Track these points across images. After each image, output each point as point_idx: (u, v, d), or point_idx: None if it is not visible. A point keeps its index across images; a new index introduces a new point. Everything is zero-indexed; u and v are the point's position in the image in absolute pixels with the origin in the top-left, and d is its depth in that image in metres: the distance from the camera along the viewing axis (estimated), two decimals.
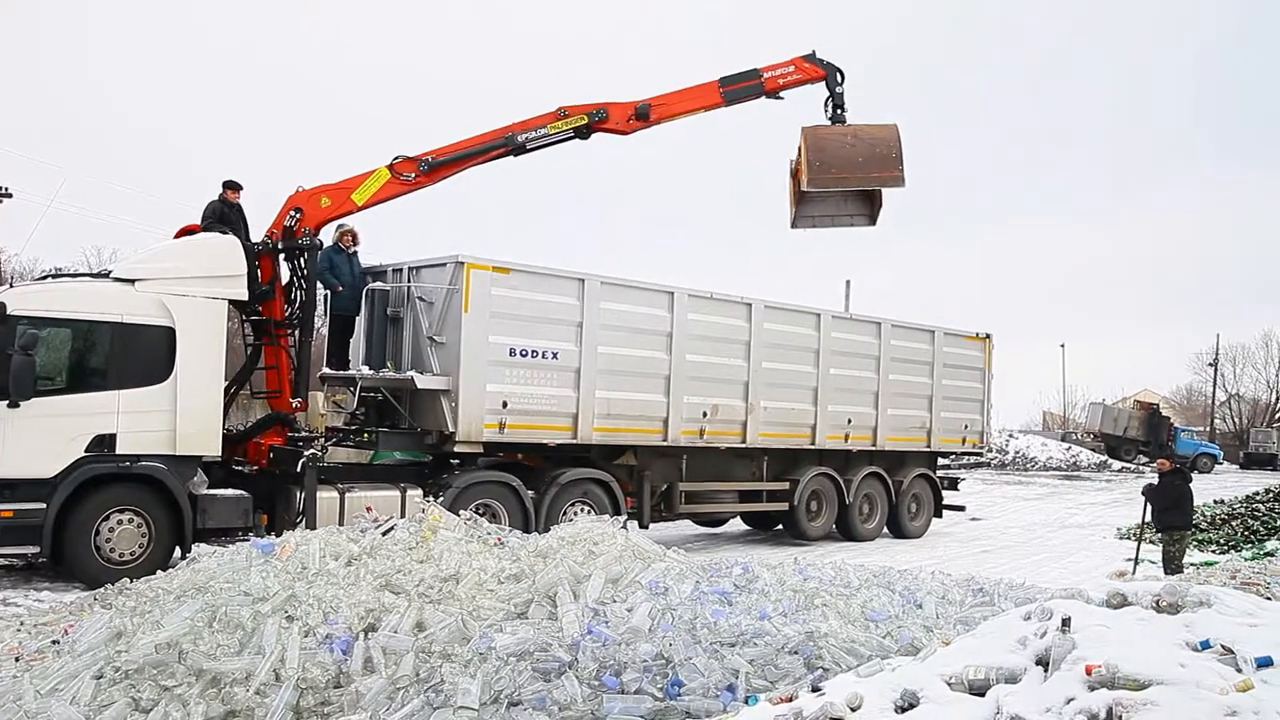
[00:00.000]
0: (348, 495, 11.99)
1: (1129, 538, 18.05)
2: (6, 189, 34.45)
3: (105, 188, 68.78)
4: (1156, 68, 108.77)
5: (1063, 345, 63.78)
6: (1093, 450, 47.78)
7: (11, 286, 11.87)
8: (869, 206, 14.18)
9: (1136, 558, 14.00)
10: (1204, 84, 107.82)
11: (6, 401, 10.29)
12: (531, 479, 13.40)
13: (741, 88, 13.90)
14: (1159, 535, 13.15)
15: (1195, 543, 16.59)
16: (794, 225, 14.25)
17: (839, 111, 13.88)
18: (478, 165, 13.43)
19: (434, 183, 13.27)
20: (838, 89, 13.91)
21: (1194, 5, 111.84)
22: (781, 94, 14.12)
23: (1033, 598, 7.26)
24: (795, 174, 13.93)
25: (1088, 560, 15.95)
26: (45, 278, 12.59)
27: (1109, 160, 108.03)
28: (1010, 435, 48.41)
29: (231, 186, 12.54)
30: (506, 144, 13.27)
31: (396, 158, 13.03)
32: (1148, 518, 13.31)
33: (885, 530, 17.99)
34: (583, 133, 13.55)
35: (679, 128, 14.21)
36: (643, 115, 13.59)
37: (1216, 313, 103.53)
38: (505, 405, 12.71)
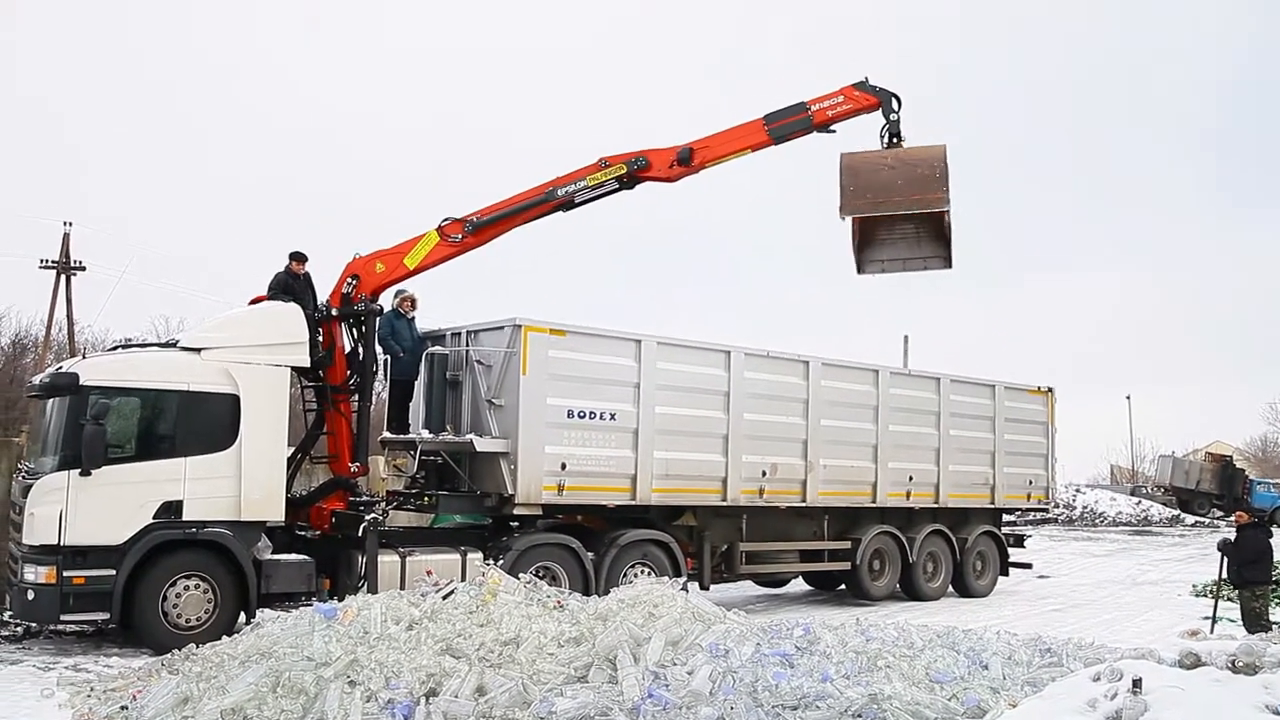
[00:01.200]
0: (409, 559, 12.04)
1: (1205, 595, 17.54)
2: (80, 262, 35.64)
3: (173, 260, 70.65)
4: (1204, 113, 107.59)
5: (1128, 397, 62.40)
6: (1164, 504, 46.63)
7: (84, 357, 12.19)
8: (943, 247, 13.10)
9: (1214, 616, 13.61)
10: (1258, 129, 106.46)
11: (79, 470, 10.54)
12: (591, 540, 13.36)
13: (788, 123, 13.13)
14: (1237, 592, 12.78)
15: (1278, 599, 16.08)
16: (860, 270, 13.32)
17: (895, 141, 12.93)
18: (526, 223, 13.37)
19: (482, 243, 13.28)
20: (893, 116, 12.97)
21: (1228, 45, 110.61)
22: (833, 126, 13.28)
23: (1102, 658, 7.11)
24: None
25: (1162, 619, 15.52)
26: (115, 348, 12.91)
27: (1162, 207, 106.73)
28: (1077, 490, 47.41)
29: (297, 258, 12.83)
30: (548, 199, 13.16)
31: (445, 220, 13.11)
32: (1224, 574, 12.95)
33: (951, 589, 17.67)
34: (626, 182, 13.26)
35: (730, 170, 13.57)
36: (684, 160, 13.05)
37: None
38: (564, 467, 12.74)
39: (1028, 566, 19.59)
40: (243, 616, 11.35)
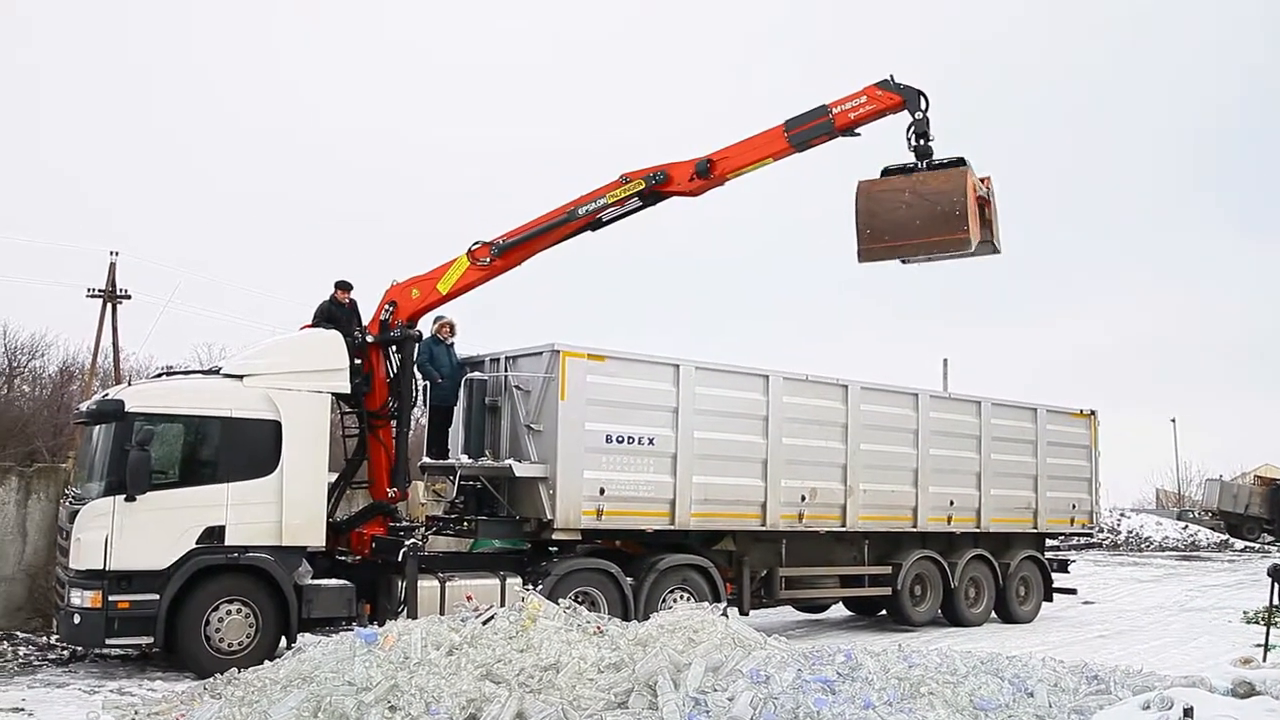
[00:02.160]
0: (448, 584, 12.07)
1: (1257, 622, 17.19)
2: (125, 291, 36.23)
3: (216, 287, 71.78)
4: (1228, 126, 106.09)
5: (1173, 420, 61.45)
6: (1212, 529, 45.84)
7: (129, 384, 12.38)
8: (988, 230, 12.45)
9: (1266, 643, 13.32)
10: None
11: (124, 496, 10.68)
12: (630, 566, 13.33)
13: (810, 128, 12.59)
14: None
15: None
16: (905, 261, 12.87)
17: (923, 142, 12.34)
18: (555, 244, 13.28)
19: (511, 267, 13.20)
20: (919, 115, 12.33)
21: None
22: (857, 129, 12.69)
23: (1151, 686, 6.99)
24: None
25: (1211, 646, 15.23)
26: (159, 375, 13.10)
27: (1197, 227, 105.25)
28: (1122, 514, 46.71)
29: (342, 286, 12.97)
30: (571, 218, 13.01)
31: (475, 244, 13.06)
32: (1276, 600, 12.70)
33: (994, 615, 17.46)
34: (647, 198, 13.01)
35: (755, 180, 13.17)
36: (704, 173, 12.66)
37: None
38: (603, 492, 12.74)
39: (1072, 592, 19.28)
40: (284, 641, 11.44)
